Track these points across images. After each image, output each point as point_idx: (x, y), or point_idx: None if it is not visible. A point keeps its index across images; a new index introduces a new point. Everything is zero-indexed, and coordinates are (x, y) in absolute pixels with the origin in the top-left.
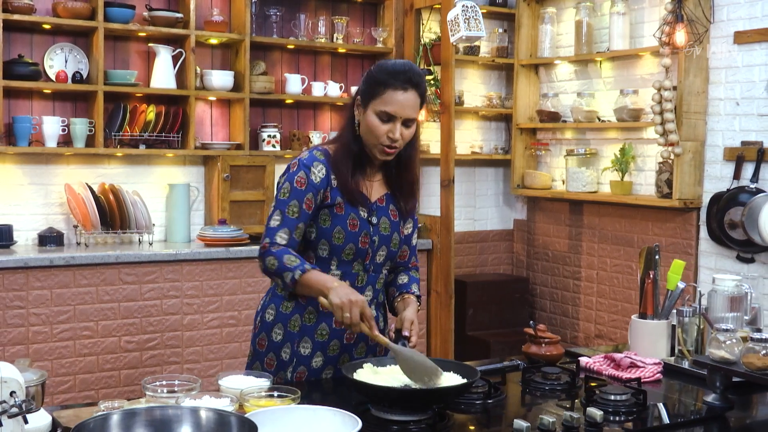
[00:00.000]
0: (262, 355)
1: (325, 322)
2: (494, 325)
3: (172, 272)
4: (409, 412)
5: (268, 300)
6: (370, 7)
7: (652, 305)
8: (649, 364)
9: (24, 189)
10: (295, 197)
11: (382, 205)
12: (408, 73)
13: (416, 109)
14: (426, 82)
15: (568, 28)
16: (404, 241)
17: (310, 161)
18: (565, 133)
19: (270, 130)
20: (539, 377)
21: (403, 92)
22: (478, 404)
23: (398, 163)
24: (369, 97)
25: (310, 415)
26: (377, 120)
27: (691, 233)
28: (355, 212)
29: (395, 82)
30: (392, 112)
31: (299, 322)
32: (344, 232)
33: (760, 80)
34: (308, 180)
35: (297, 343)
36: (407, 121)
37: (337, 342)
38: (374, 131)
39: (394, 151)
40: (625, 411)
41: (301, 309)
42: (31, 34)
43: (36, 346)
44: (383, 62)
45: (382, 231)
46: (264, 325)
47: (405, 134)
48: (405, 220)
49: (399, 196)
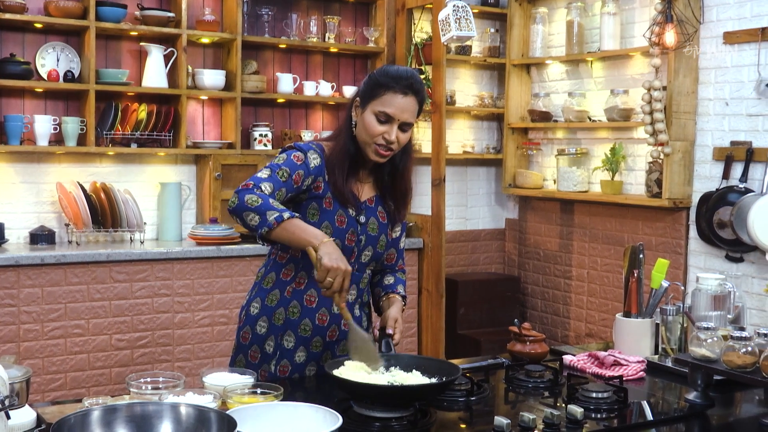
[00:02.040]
0: (245, 347)
1: (309, 317)
2: (485, 323)
3: (163, 270)
4: (391, 409)
5: (253, 294)
6: (361, 7)
7: (636, 304)
8: (632, 362)
9: (15, 187)
10: (288, 165)
11: (371, 205)
12: (410, 80)
13: (414, 115)
14: (424, 90)
15: (560, 28)
16: (392, 243)
17: (307, 148)
18: (556, 132)
19: (261, 129)
20: (522, 375)
21: (403, 96)
22: (461, 401)
23: (393, 172)
24: (368, 98)
25: (292, 411)
26: (374, 120)
27: (680, 233)
28: (344, 210)
29: (396, 85)
30: (391, 114)
31: (284, 315)
32: (332, 227)
33: (749, 80)
34: (306, 160)
35: (280, 336)
36: (404, 125)
37: (319, 339)
38: (370, 130)
39: (388, 154)
40: (607, 408)
41: (286, 302)
42: (23, 33)
43: (27, 344)
44: (386, 66)
45: (370, 231)
46: (249, 318)
47: (401, 138)
48: (394, 223)
49: (389, 203)
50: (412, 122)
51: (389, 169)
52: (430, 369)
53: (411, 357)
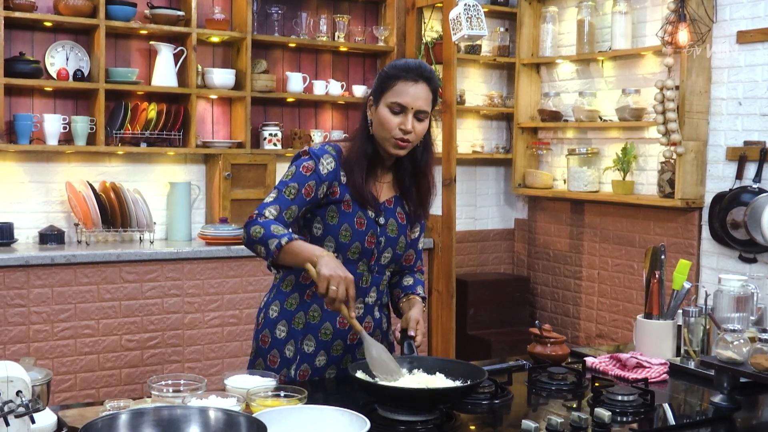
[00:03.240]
0: (265, 351)
1: (329, 321)
2: (495, 324)
3: (173, 270)
4: (417, 412)
5: (272, 297)
6: (371, 6)
7: (658, 305)
8: (655, 364)
9: (25, 187)
10: (296, 180)
11: (390, 206)
12: (419, 68)
13: (428, 102)
14: (437, 79)
15: (570, 27)
16: (410, 245)
17: (321, 152)
18: (566, 132)
19: (271, 128)
20: (545, 377)
21: (414, 84)
22: (484, 404)
23: (414, 170)
24: (380, 92)
25: (318, 415)
26: (389, 112)
27: (693, 233)
28: (363, 212)
29: (406, 74)
30: (403, 103)
31: (303, 319)
32: (351, 229)
33: (763, 80)
34: (315, 169)
35: (300, 341)
36: (419, 113)
37: (340, 342)
38: (386, 124)
39: (407, 146)
40: (633, 411)
41: (306, 306)
42: (33, 32)
43: (37, 344)
44: (394, 60)
45: (389, 233)
46: (267, 322)
47: (417, 128)
48: (413, 224)
49: (409, 202)
50: (427, 110)
51: (410, 167)
52: (453, 372)
53: (434, 359)
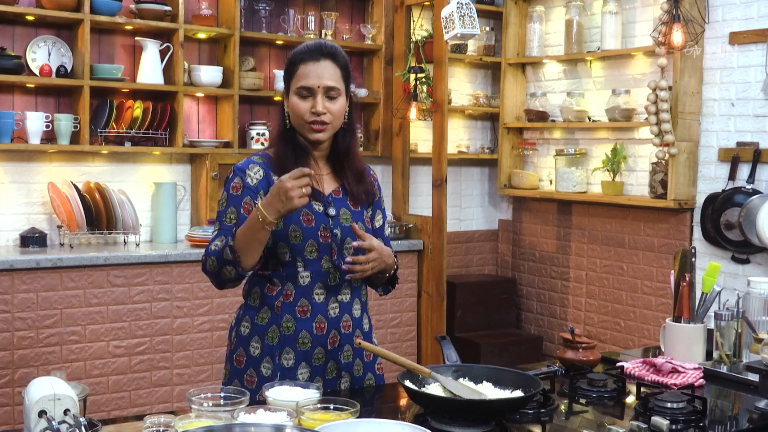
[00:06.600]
0: (240, 372)
1: (305, 329)
2: (482, 326)
3: (162, 274)
4: (471, 424)
5: (242, 313)
6: (358, 4)
7: (689, 308)
8: (689, 369)
9: (5, 188)
10: (231, 204)
11: (339, 196)
12: (318, 47)
13: (336, 79)
14: (344, 55)
15: (557, 27)
16: (375, 234)
17: (245, 165)
18: (553, 132)
19: (258, 127)
20: (585, 384)
21: (315, 62)
22: (530, 414)
23: (339, 155)
24: (288, 81)
25: (376, 429)
26: (298, 98)
27: (684, 234)
28: (308, 207)
29: (306, 56)
30: (309, 85)
31: (278, 332)
32: (300, 229)
33: (756, 81)
34: (244, 183)
35: (278, 356)
36: (329, 91)
37: (321, 349)
38: (297, 110)
39: (324, 128)
40: (684, 419)
41: (278, 319)
42: (13, 26)
43: (21, 351)
44: (296, 47)
45: (344, 222)
46: (240, 340)
47: (331, 108)
48: (366, 206)
49: (350, 187)
50: (337, 87)
51: (335, 154)
52: (502, 380)
53: (480, 367)
